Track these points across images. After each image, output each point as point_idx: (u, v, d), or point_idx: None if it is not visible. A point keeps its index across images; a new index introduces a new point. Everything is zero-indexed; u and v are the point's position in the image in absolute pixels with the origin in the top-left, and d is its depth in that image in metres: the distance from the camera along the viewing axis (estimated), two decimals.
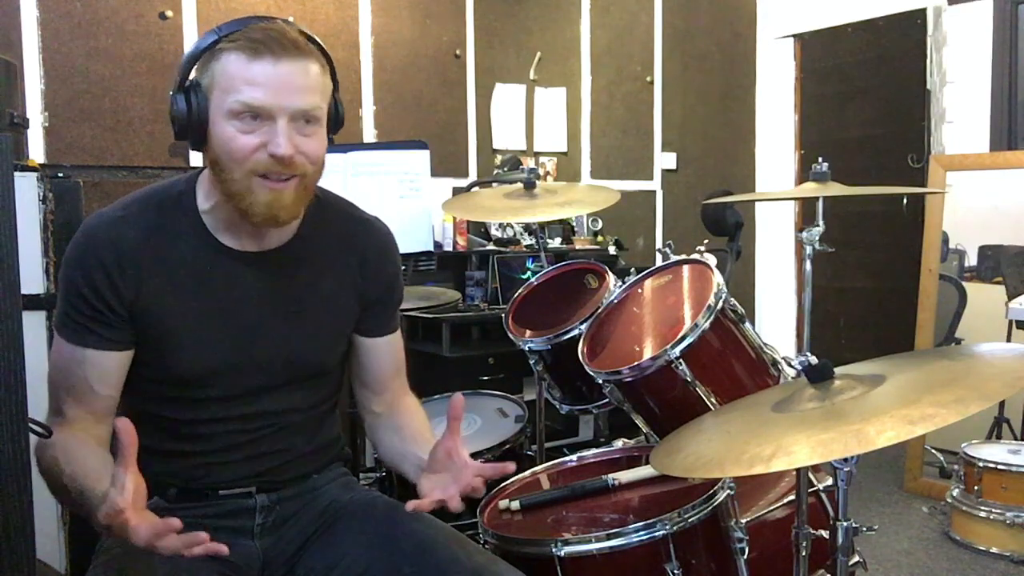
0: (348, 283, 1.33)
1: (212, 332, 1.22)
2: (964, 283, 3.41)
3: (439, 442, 1.22)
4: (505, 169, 3.84)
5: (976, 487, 2.78)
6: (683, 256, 1.80)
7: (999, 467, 2.75)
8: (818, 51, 4.65)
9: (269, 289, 1.26)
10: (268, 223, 1.19)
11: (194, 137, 1.16)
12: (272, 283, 1.26)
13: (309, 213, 1.28)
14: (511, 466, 1.20)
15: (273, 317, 1.26)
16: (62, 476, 1.11)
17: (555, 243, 3.88)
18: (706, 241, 1.90)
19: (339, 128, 1.27)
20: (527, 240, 3.78)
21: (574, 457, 1.72)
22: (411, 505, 1.16)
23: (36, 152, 2.86)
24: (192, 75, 1.16)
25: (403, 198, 2.50)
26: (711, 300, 1.57)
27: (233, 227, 1.23)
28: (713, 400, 1.54)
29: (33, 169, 2.05)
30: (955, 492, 2.88)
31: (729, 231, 2.51)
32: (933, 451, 3.35)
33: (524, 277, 3.32)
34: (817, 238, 1.60)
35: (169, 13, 3.11)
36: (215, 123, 1.14)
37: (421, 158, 2.55)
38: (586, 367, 1.67)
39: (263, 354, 1.25)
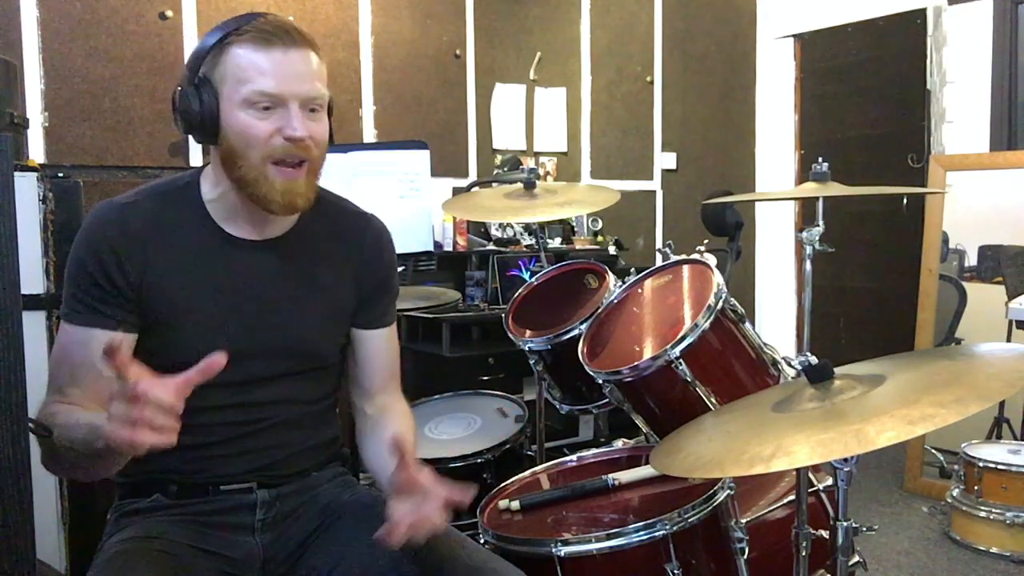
0: (345, 273, 1.36)
1: (215, 317, 1.25)
2: (964, 283, 3.41)
3: (395, 474, 1.12)
4: (505, 169, 3.84)
5: (976, 487, 2.78)
6: (683, 256, 1.80)
7: (999, 467, 2.75)
8: (818, 51, 4.65)
9: (270, 277, 1.29)
10: (287, 210, 1.23)
11: (206, 131, 1.20)
12: (273, 271, 1.29)
13: None
14: (471, 492, 1.12)
15: (274, 304, 1.28)
16: (64, 429, 1.08)
17: (555, 243, 3.88)
18: (706, 241, 1.90)
19: (330, 116, 1.30)
20: (527, 240, 3.78)
21: (574, 457, 1.72)
22: (380, 534, 1.08)
23: (36, 152, 2.86)
24: (200, 72, 1.19)
25: (403, 198, 2.50)
26: (711, 300, 1.57)
27: (236, 216, 1.27)
28: (713, 400, 1.54)
29: (33, 169, 2.05)
30: (955, 492, 2.88)
31: (729, 231, 2.51)
32: (933, 451, 3.35)
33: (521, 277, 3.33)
34: (817, 238, 1.60)
35: (169, 13, 3.11)
36: (228, 114, 1.18)
37: (421, 158, 2.55)
38: (586, 367, 1.67)
39: (264, 340, 1.27)
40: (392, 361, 1.45)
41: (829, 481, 1.56)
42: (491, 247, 3.68)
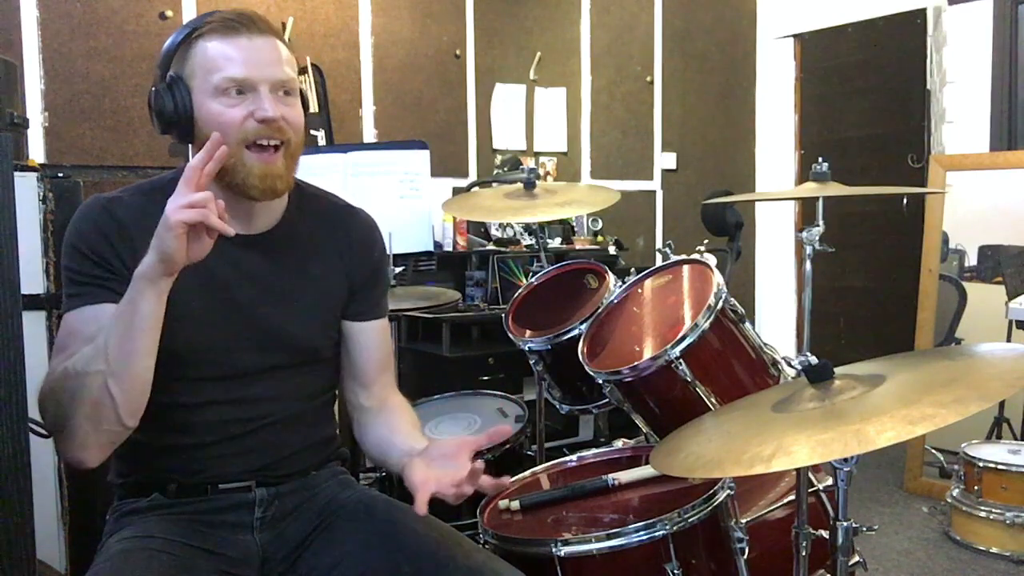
0: (336, 266, 1.36)
1: (205, 310, 1.24)
2: (964, 283, 3.41)
3: (454, 439, 1.22)
4: (505, 169, 3.85)
5: (976, 487, 2.78)
6: (683, 256, 1.80)
7: (999, 467, 2.75)
8: (818, 51, 4.65)
9: (260, 271, 1.29)
10: (266, 195, 1.23)
11: (180, 128, 1.22)
12: (262, 265, 1.29)
13: (293, 200, 1.34)
14: (506, 480, 1.24)
15: (265, 298, 1.29)
16: (84, 359, 1.10)
17: (555, 243, 3.88)
18: (706, 241, 1.91)
19: (306, 112, 1.31)
20: (527, 240, 3.78)
21: (574, 457, 1.72)
22: (421, 510, 1.12)
23: (36, 152, 2.86)
24: (170, 71, 1.22)
25: (403, 198, 2.50)
26: (711, 300, 1.56)
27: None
28: (713, 400, 1.54)
29: (33, 169, 2.05)
30: (955, 492, 2.88)
31: (729, 231, 2.51)
32: (933, 451, 3.34)
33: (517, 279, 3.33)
34: (817, 238, 1.60)
35: (169, 13, 3.11)
36: (201, 106, 1.20)
37: (421, 158, 2.55)
38: (586, 367, 1.66)
39: (256, 333, 1.27)
40: (385, 351, 1.45)
41: (829, 481, 1.56)
42: (491, 247, 3.68)
